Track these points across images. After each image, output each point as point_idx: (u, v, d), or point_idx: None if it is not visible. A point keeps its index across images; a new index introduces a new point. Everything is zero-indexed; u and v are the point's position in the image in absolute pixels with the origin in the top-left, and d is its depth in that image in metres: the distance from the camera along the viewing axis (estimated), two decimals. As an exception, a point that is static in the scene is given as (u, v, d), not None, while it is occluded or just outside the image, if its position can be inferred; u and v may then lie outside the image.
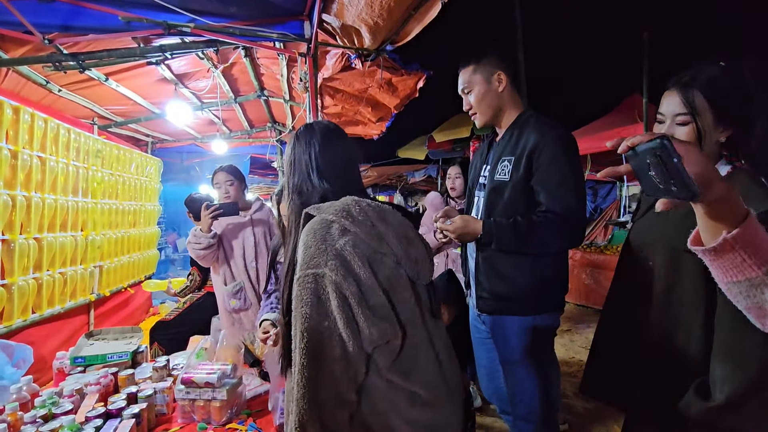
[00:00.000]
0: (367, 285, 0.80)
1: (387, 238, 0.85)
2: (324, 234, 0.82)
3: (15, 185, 2.41)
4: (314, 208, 0.89)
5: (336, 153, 1.00)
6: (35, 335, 2.58)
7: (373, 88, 3.29)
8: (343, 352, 0.77)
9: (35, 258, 2.60)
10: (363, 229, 0.83)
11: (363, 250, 0.82)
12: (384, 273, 0.83)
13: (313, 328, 0.77)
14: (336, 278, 0.78)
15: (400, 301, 0.84)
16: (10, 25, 2.10)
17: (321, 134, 1.01)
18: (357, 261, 0.80)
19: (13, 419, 1.21)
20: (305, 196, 0.97)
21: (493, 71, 1.48)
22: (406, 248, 0.87)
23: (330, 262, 0.79)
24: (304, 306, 0.78)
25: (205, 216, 2.01)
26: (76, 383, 1.48)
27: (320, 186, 0.96)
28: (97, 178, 3.41)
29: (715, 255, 0.66)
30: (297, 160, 1.00)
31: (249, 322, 2.13)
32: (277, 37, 2.49)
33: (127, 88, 3.21)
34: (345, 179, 0.99)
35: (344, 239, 0.81)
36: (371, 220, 0.84)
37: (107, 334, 2.05)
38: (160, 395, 1.44)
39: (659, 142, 0.58)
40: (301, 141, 1.01)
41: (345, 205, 0.86)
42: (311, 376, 0.75)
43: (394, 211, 0.90)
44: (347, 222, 0.83)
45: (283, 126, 5.09)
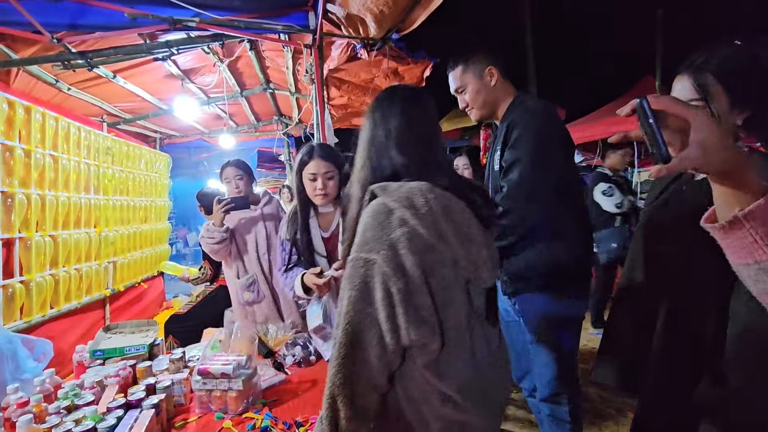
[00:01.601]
0: (415, 284, 0.77)
1: (447, 237, 0.79)
2: (383, 220, 0.79)
3: (29, 184, 2.45)
4: (380, 188, 0.83)
5: (416, 124, 0.91)
6: (54, 330, 2.64)
7: (380, 78, 3.27)
8: (380, 341, 0.77)
9: (51, 255, 2.65)
10: (423, 223, 0.77)
11: (418, 246, 0.77)
12: (436, 274, 0.79)
13: (356, 311, 0.77)
14: (386, 269, 0.76)
15: (447, 304, 0.80)
16: (19, 25, 2.12)
17: (402, 102, 0.93)
18: (410, 257, 0.76)
19: (38, 410, 1.25)
20: (377, 171, 0.90)
21: (484, 67, 1.51)
22: (467, 250, 0.81)
23: (383, 252, 0.76)
24: (352, 289, 0.78)
25: (217, 210, 2.03)
26: (96, 375, 1.51)
27: (394, 160, 0.88)
28: (107, 175, 3.45)
29: (725, 233, 0.64)
30: (373, 129, 0.93)
31: (262, 315, 2.15)
32: (281, 28, 2.48)
33: (134, 84, 3.24)
34: (423, 155, 0.89)
35: (401, 230, 0.77)
36: (434, 216, 0.78)
37: (124, 327, 2.09)
38: (178, 386, 1.47)
39: (637, 103, 0.59)
40: (380, 109, 0.94)
41: (410, 193, 0.79)
42: (347, 355, 0.77)
43: (463, 209, 0.83)
44: (408, 213, 0.77)
45: (289, 119, 5.10)
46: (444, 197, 0.81)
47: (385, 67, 2.97)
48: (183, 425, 1.34)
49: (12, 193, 2.31)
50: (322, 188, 1.62)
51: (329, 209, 1.72)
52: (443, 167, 0.91)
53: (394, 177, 0.87)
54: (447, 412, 0.81)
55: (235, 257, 2.16)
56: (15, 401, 1.27)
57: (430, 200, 0.79)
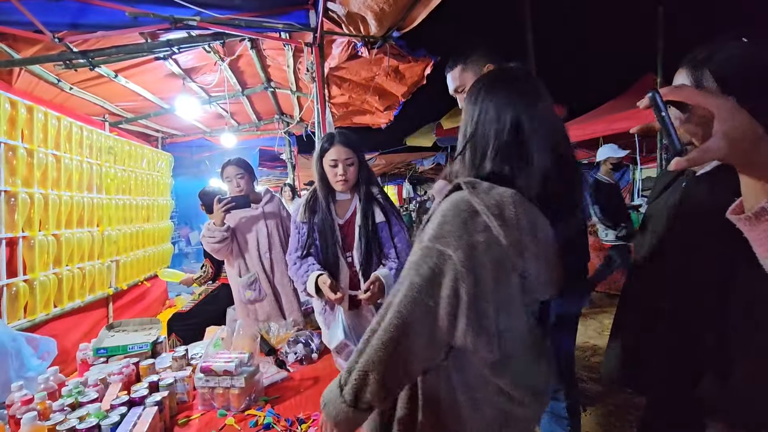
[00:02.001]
0: (484, 291, 0.74)
1: (526, 253, 0.75)
2: (466, 219, 0.76)
3: (32, 183, 2.47)
4: (469, 183, 0.78)
5: (545, 119, 0.82)
6: (58, 328, 2.66)
7: (380, 76, 3.27)
8: (431, 336, 0.76)
9: (54, 254, 2.66)
10: (508, 236, 0.74)
11: (496, 255, 0.74)
12: (506, 285, 0.77)
13: (414, 300, 0.75)
14: (460, 269, 0.73)
15: (510, 316, 0.79)
16: (21, 24, 2.13)
17: (524, 96, 0.83)
18: (486, 264, 0.74)
19: (43, 407, 1.26)
20: (479, 169, 0.84)
21: (483, 66, 1.50)
22: (541, 267, 0.78)
23: (460, 250, 0.74)
24: (417, 276, 0.76)
25: (218, 209, 2.03)
26: (99, 373, 1.52)
27: (498, 166, 0.81)
28: (110, 175, 3.46)
29: (751, 225, 0.62)
30: (484, 120, 0.84)
31: (264, 313, 2.16)
32: (282, 27, 2.48)
33: (136, 84, 3.24)
34: (537, 166, 0.80)
35: (484, 236, 0.74)
36: (520, 230, 0.74)
37: (127, 325, 2.10)
38: (181, 383, 1.48)
39: (650, 96, 0.57)
40: (498, 96, 0.83)
41: (501, 200, 0.75)
42: (393, 339, 0.76)
43: (547, 226, 0.79)
44: (495, 222, 0.74)
45: (290, 118, 5.10)
46: (532, 212, 0.77)
47: (386, 65, 2.97)
48: (186, 422, 1.35)
49: (15, 193, 2.32)
50: (343, 174, 1.64)
51: (346, 196, 1.75)
52: (551, 169, 0.81)
53: (496, 174, 0.81)
54: (501, 401, 0.81)
55: (236, 256, 2.16)
56: (19, 399, 1.28)
57: (520, 213, 0.75)
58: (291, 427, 1.27)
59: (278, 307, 2.18)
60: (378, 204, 1.74)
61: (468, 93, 0.90)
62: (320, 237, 1.70)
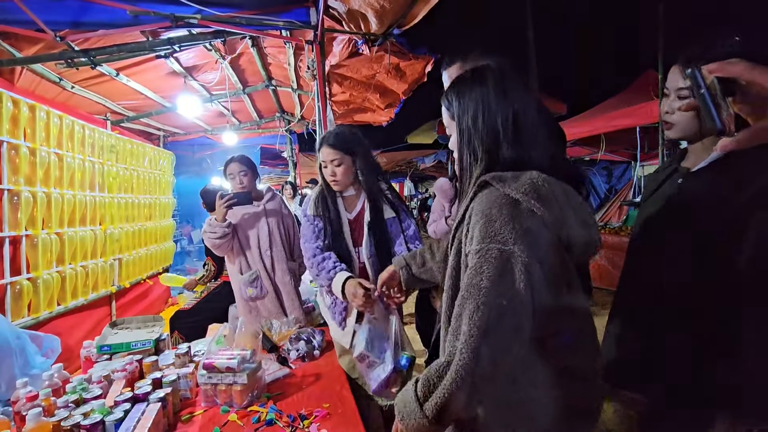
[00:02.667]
0: (552, 274, 0.77)
1: (569, 224, 0.78)
2: (511, 211, 0.76)
3: (35, 182, 2.48)
4: (495, 178, 0.79)
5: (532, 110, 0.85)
6: (61, 326, 2.67)
7: (381, 73, 3.27)
8: (515, 334, 0.75)
9: (58, 252, 2.68)
10: (551, 213, 0.76)
11: (548, 236, 0.77)
12: (562, 263, 0.79)
13: (491, 303, 0.74)
14: (525, 259, 0.74)
15: (571, 293, 0.81)
16: (23, 23, 2.13)
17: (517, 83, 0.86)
18: (544, 246, 0.76)
19: (47, 404, 1.27)
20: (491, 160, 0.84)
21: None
22: (585, 232, 0.81)
23: (519, 242, 0.74)
24: (484, 279, 0.74)
25: (220, 205, 2.04)
26: (103, 370, 1.54)
27: (514, 152, 0.83)
28: (112, 173, 3.47)
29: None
30: (488, 110, 0.84)
31: (265, 310, 2.17)
32: (283, 25, 2.48)
33: (137, 82, 3.25)
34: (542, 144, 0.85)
35: (532, 221, 0.76)
36: (560, 204, 0.77)
37: (130, 323, 2.12)
38: (184, 380, 1.49)
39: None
40: (496, 87, 0.85)
41: (532, 182, 0.77)
42: (474, 349, 0.73)
43: (575, 193, 0.82)
44: (536, 204, 0.75)
45: (291, 116, 5.10)
46: (559, 185, 0.80)
47: (387, 62, 2.97)
48: (189, 419, 1.37)
49: (18, 191, 2.33)
50: (332, 175, 1.67)
51: (352, 192, 1.76)
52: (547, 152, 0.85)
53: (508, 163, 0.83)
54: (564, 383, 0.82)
55: (237, 253, 2.17)
56: (24, 395, 1.29)
57: (554, 187, 0.78)
58: (293, 423, 1.28)
59: (279, 305, 2.19)
60: (386, 200, 1.74)
61: (454, 91, 0.90)
62: (329, 232, 1.71)
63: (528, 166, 0.81)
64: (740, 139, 0.53)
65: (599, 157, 6.59)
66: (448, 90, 0.92)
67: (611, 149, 6.50)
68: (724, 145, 0.55)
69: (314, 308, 2.41)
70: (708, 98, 0.54)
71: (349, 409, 1.36)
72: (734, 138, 0.54)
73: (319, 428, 1.24)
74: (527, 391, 0.82)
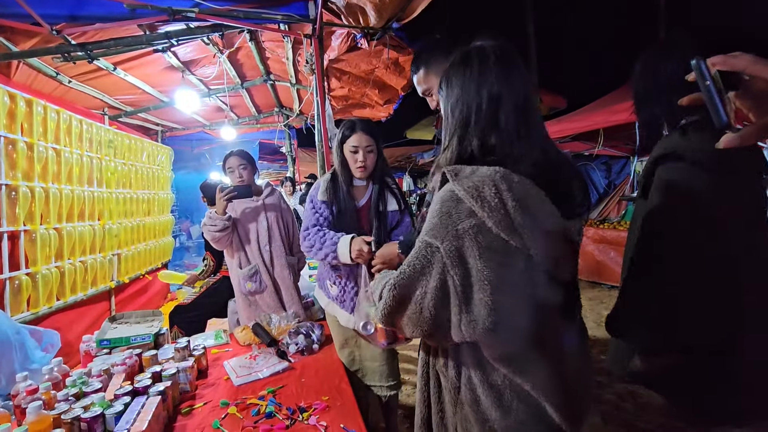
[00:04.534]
0: (476, 279, 0.73)
1: (521, 231, 0.72)
2: (450, 209, 0.75)
3: (33, 177, 2.47)
4: (452, 171, 0.77)
5: (512, 91, 0.79)
6: (61, 321, 2.68)
7: (380, 69, 3.26)
8: (418, 320, 0.79)
9: (56, 247, 2.67)
10: (493, 216, 0.71)
11: (486, 239, 0.72)
12: (504, 268, 0.73)
13: (405, 286, 0.78)
14: (446, 261, 0.74)
15: (516, 301, 0.75)
16: (19, 17, 2.12)
17: (498, 68, 0.79)
18: (474, 252, 0.72)
19: (47, 397, 1.28)
20: (462, 150, 0.81)
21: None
22: (543, 244, 0.73)
23: (446, 242, 0.74)
24: (408, 266, 0.78)
25: (220, 198, 2.04)
26: (103, 364, 1.54)
27: (483, 138, 0.79)
28: (110, 168, 3.46)
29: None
30: (463, 101, 0.81)
31: (264, 304, 2.18)
32: (281, 18, 2.46)
33: (135, 77, 3.23)
34: (516, 129, 0.78)
35: (469, 222, 0.73)
36: (506, 208, 0.71)
37: (129, 318, 2.12)
38: (183, 374, 1.50)
39: (694, 63, 0.52)
40: (473, 76, 0.80)
41: (481, 183, 0.73)
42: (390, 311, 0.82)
43: (542, 198, 0.74)
44: (476, 205, 0.72)
45: (290, 110, 5.09)
46: (520, 187, 0.73)
47: (386, 57, 2.96)
48: (189, 412, 1.37)
49: (16, 186, 2.32)
50: (363, 160, 1.67)
51: (362, 183, 1.78)
52: (536, 142, 0.80)
53: (480, 156, 0.79)
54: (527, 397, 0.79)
55: (237, 248, 2.18)
56: (24, 389, 1.29)
57: (502, 191, 0.72)
58: (292, 415, 1.29)
59: (278, 299, 2.20)
60: (392, 193, 1.77)
61: (444, 75, 0.87)
62: (339, 217, 1.72)
63: (504, 160, 0.76)
64: (744, 135, 0.51)
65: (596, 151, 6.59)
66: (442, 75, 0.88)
67: (610, 144, 6.50)
68: (727, 141, 0.53)
69: (313, 303, 2.42)
70: (713, 91, 0.51)
71: (348, 401, 1.37)
72: (738, 134, 0.52)
73: (318, 420, 1.25)
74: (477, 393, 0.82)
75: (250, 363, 1.70)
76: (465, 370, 0.83)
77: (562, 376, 0.79)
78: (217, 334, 2.09)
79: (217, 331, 2.12)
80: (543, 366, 0.78)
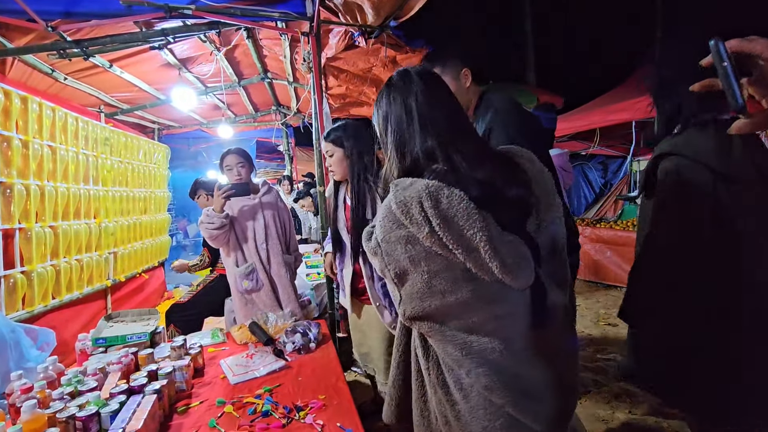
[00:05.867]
0: (411, 279, 0.82)
1: (451, 246, 0.76)
2: (386, 216, 0.83)
3: (28, 175, 2.45)
4: (394, 183, 0.84)
5: (439, 101, 0.88)
6: (56, 320, 2.66)
7: (378, 67, 3.25)
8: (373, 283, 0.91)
9: (52, 245, 2.66)
10: (420, 232, 0.78)
11: (417, 250, 0.80)
12: (440, 276, 0.80)
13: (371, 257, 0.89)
14: (384, 257, 0.84)
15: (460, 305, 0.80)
16: (13, 13, 2.10)
17: (421, 82, 0.88)
18: (405, 257, 0.81)
19: (42, 396, 1.27)
20: (406, 158, 0.87)
21: (459, 69, 1.54)
22: (474, 257, 0.76)
23: (384, 244, 0.83)
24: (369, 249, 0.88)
25: (218, 196, 2.04)
26: (98, 362, 1.54)
27: (418, 147, 0.85)
28: (106, 166, 3.44)
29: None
30: (393, 114, 0.89)
31: (261, 303, 2.17)
32: (278, 16, 2.45)
33: (131, 74, 3.21)
34: (451, 135, 0.85)
35: (399, 232, 0.81)
36: (430, 225, 0.76)
37: (125, 316, 2.11)
38: (179, 372, 1.49)
39: (712, 44, 0.51)
40: (397, 91, 0.89)
41: (410, 200, 0.78)
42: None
43: (469, 211, 0.75)
44: (404, 219, 0.79)
45: (287, 109, 5.07)
46: (448, 203, 0.76)
47: (383, 55, 2.95)
48: (185, 410, 1.37)
49: (11, 184, 2.31)
50: (329, 165, 1.91)
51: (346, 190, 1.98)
52: (469, 147, 0.85)
53: (419, 165, 0.86)
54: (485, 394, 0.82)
55: (234, 246, 2.17)
56: (19, 387, 1.29)
57: (427, 209, 0.76)
58: (289, 414, 1.28)
59: (275, 298, 2.20)
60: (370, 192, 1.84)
61: (380, 96, 0.94)
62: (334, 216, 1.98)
63: (435, 169, 0.83)
64: (755, 122, 0.50)
65: (592, 151, 6.60)
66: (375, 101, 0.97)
67: (607, 143, 6.52)
68: (739, 126, 0.52)
69: (310, 302, 2.42)
70: (731, 73, 0.50)
71: (345, 400, 1.37)
72: (750, 120, 0.51)
73: (315, 419, 1.25)
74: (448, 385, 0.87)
75: (247, 362, 1.70)
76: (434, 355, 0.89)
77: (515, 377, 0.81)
78: (214, 333, 2.09)
79: (214, 330, 2.12)
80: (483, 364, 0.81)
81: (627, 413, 2.27)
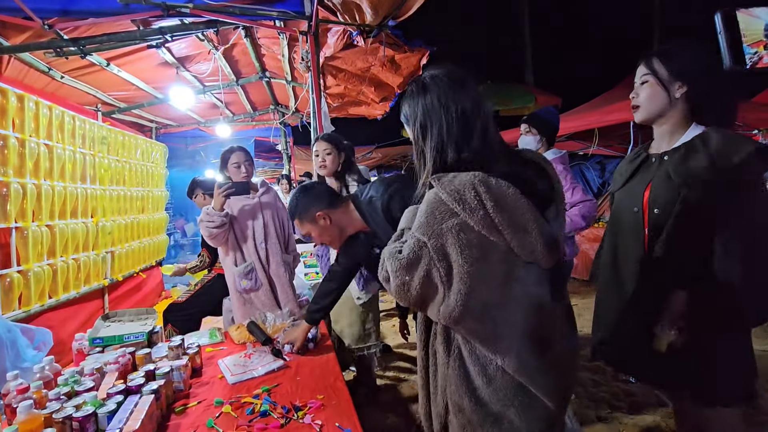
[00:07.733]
0: (457, 272, 0.82)
1: (501, 227, 0.82)
2: (434, 209, 0.85)
3: (24, 173, 2.44)
4: (436, 178, 0.87)
5: (478, 108, 0.90)
6: (53, 319, 2.65)
7: (376, 66, 3.25)
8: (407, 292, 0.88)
9: (48, 245, 2.64)
10: (473, 217, 0.81)
11: (469, 237, 0.82)
12: (486, 261, 0.83)
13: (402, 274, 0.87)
14: (432, 255, 0.83)
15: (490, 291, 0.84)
16: (10, 11, 2.09)
17: (455, 86, 0.91)
18: (456, 248, 0.82)
19: (38, 396, 1.26)
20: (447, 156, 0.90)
21: (315, 213, 1.49)
22: (521, 237, 0.83)
23: (432, 240, 0.83)
24: (405, 257, 0.86)
25: (218, 195, 2.03)
26: (95, 362, 1.53)
27: (457, 150, 0.89)
28: (103, 165, 3.43)
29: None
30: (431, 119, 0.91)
31: (260, 302, 2.17)
32: (277, 15, 2.45)
33: (128, 73, 3.20)
34: (484, 140, 0.90)
35: (452, 221, 0.83)
36: (485, 209, 0.81)
37: (123, 316, 2.10)
38: (177, 372, 1.48)
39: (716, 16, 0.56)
40: (432, 95, 0.91)
41: (462, 187, 0.83)
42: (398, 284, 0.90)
43: (517, 197, 0.83)
44: (457, 207, 0.82)
45: (286, 108, 5.07)
46: (498, 188, 0.82)
47: (382, 55, 2.95)
48: (183, 410, 1.36)
49: (7, 183, 2.29)
50: (322, 161, 2.14)
51: (333, 182, 2.18)
52: (499, 149, 0.92)
53: (456, 165, 0.89)
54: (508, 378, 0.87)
55: (232, 245, 2.17)
56: (15, 387, 1.28)
57: (481, 193, 0.81)
58: (287, 414, 1.28)
59: (274, 297, 2.19)
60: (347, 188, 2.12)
61: (404, 102, 0.96)
62: None
63: (475, 166, 0.86)
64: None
65: (590, 151, 6.61)
66: (401, 102, 1.00)
67: (605, 144, 6.52)
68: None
69: (308, 301, 2.41)
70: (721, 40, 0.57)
71: (344, 400, 1.37)
72: None
73: (314, 419, 1.25)
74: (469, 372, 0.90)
75: (245, 361, 1.70)
76: (455, 344, 0.92)
77: (541, 355, 0.87)
78: (212, 333, 2.08)
79: (212, 330, 2.11)
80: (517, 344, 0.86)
81: (626, 413, 2.28)
